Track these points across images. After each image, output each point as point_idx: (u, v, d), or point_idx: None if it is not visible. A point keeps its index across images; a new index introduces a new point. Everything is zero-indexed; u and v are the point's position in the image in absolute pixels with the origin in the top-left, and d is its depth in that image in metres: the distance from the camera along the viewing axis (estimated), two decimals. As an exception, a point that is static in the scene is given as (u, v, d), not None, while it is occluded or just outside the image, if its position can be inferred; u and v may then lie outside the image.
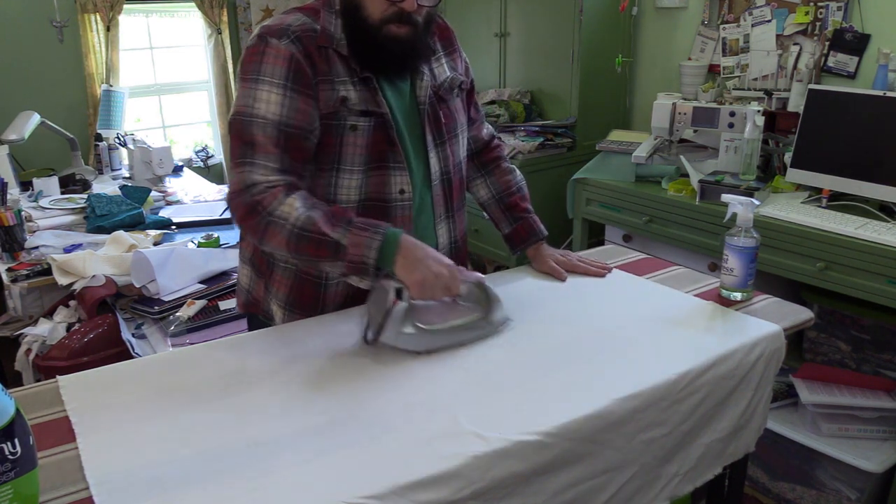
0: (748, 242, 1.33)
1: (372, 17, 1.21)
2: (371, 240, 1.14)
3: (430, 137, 1.34)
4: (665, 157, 2.55)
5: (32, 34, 3.44)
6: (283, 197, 1.16)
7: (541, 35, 3.21)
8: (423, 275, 1.14)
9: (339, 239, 1.14)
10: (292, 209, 1.15)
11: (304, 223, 1.15)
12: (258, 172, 1.18)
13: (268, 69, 1.20)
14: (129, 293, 2.13)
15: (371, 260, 1.14)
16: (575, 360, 1.14)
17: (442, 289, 1.16)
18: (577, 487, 1.00)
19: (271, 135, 1.19)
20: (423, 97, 1.33)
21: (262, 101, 1.19)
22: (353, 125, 1.24)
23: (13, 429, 0.75)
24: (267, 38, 1.21)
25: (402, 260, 1.14)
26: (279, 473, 0.87)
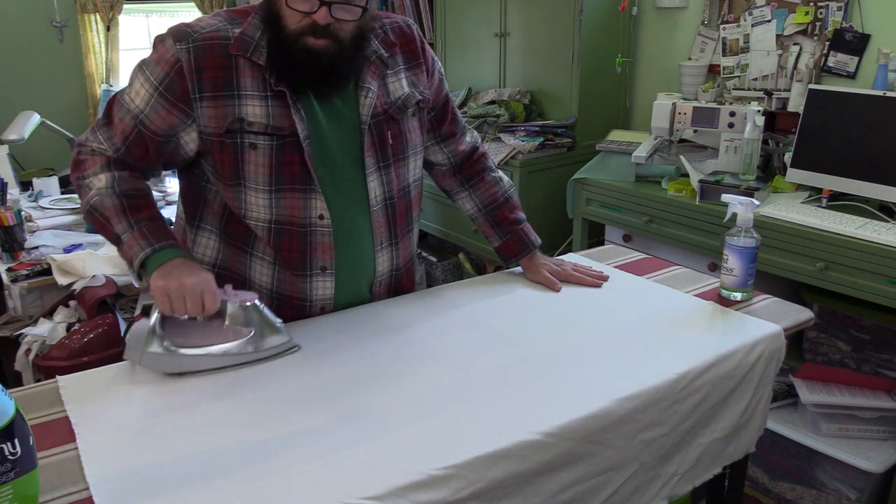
0: (748, 242, 1.33)
1: (288, 28, 1.15)
2: (141, 249, 1.15)
3: (370, 160, 1.26)
4: (665, 157, 2.55)
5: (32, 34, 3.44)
6: (100, 168, 1.21)
7: (541, 35, 3.20)
8: (165, 283, 1.09)
9: (119, 234, 1.17)
10: (97, 183, 1.19)
11: (97, 204, 1.18)
12: (97, 143, 1.23)
13: (150, 66, 1.19)
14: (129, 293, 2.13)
15: (135, 266, 1.15)
16: (575, 360, 1.14)
17: (191, 301, 1.09)
18: (577, 487, 1.00)
19: (127, 124, 1.20)
20: (365, 116, 1.25)
21: (134, 91, 1.20)
22: (253, 144, 1.18)
23: (13, 429, 0.75)
24: (164, 38, 1.18)
25: (159, 271, 1.12)
26: (279, 474, 0.87)
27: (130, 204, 1.18)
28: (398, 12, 3.94)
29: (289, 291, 1.29)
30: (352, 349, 1.19)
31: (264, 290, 1.29)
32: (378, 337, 1.23)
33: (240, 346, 1.12)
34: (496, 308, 1.34)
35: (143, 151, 1.21)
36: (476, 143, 1.52)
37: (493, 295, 1.41)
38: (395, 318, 1.30)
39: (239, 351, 1.11)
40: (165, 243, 1.16)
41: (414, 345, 1.20)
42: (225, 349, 1.11)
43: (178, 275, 1.10)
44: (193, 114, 1.18)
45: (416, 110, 1.34)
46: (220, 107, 1.17)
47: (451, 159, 1.48)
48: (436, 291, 1.43)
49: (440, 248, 3.70)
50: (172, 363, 1.09)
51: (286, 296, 1.29)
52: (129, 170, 1.23)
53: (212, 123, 1.18)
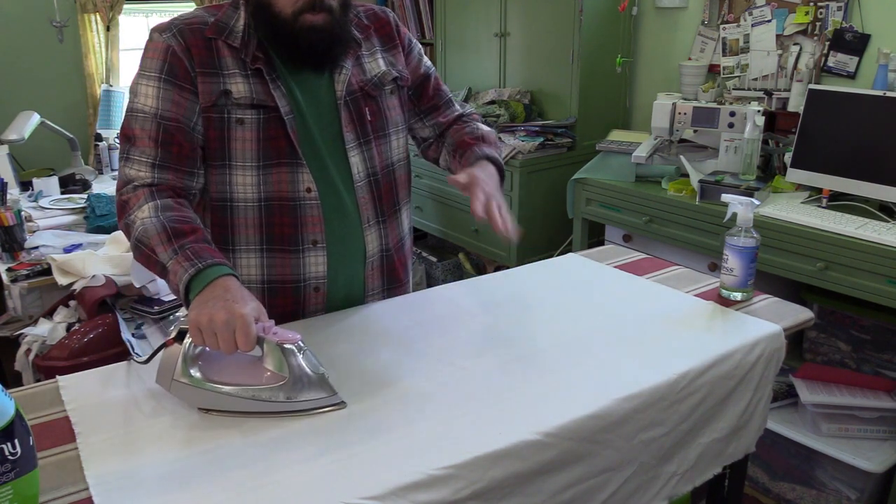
0: (748, 242, 1.33)
1: (284, 12, 1.18)
2: (185, 271, 1.05)
3: (349, 136, 1.28)
4: (665, 157, 2.55)
5: (32, 34, 3.44)
6: (143, 201, 1.15)
7: (541, 35, 3.20)
8: (197, 314, 0.97)
9: (164, 262, 1.09)
10: (141, 216, 1.13)
11: (141, 235, 1.12)
12: (133, 168, 1.18)
13: (146, 63, 1.20)
14: (129, 293, 2.13)
15: (181, 293, 1.06)
16: (575, 359, 1.14)
17: (221, 337, 0.96)
18: (577, 487, 1.00)
19: (149, 129, 1.18)
20: (340, 92, 1.27)
21: (141, 95, 1.19)
22: (240, 119, 1.21)
23: (13, 429, 0.75)
24: (151, 34, 1.22)
25: (199, 297, 1.02)
26: (279, 473, 0.87)
27: (174, 230, 1.10)
28: (398, 12, 3.94)
29: (280, 274, 1.28)
30: (351, 349, 1.19)
31: (253, 283, 1.28)
32: (377, 337, 1.23)
33: (271, 392, 0.98)
34: (496, 308, 1.34)
35: (177, 147, 1.20)
36: (462, 112, 1.48)
37: (493, 295, 1.41)
38: (394, 318, 1.30)
39: (268, 398, 0.98)
40: (210, 261, 1.06)
41: (413, 345, 1.20)
42: (254, 393, 0.99)
43: (213, 306, 0.98)
44: (196, 90, 1.20)
45: (395, 88, 1.36)
46: (207, 83, 1.20)
47: (435, 131, 1.48)
48: (435, 291, 1.43)
49: (440, 248, 3.70)
50: (200, 398, 1.00)
51: (278, 281, 1.28)
52: (172, 195, 1.18)
53: (202, 99, 1.20)
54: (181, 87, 1.19)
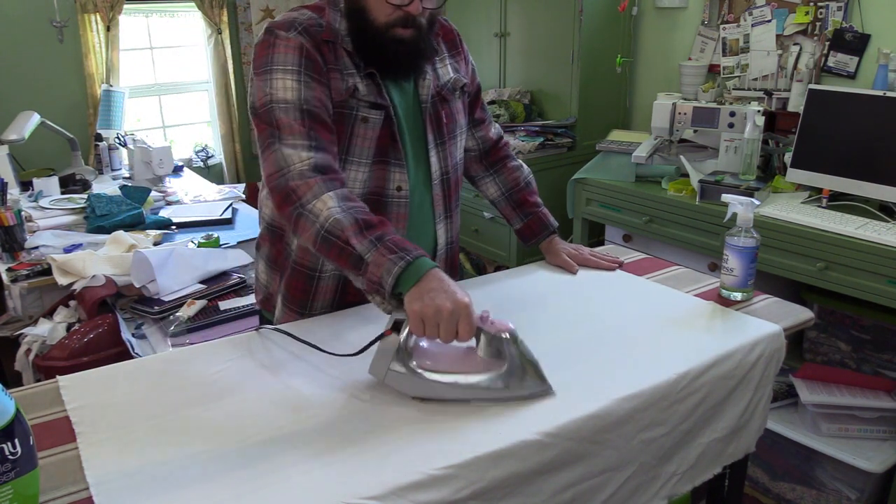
0: (748, 242, 1.33)
1: (377, 21, 1.22)
2: (393, 264, 1.04)
3: (430, 137, 1.35)
4: (665, 157, 2.55)
5: (32, 34, 3.44)
6: (319, 190, 1.13)
7: (541, 35, 3.21)
8: (421, 306, 1.00)
9: (362, 253, 1.07)
10: (325, 207, 1.11)
11: (333, 226, 1.10)
12: (287, 149, 1.16)
13: (279, 58, 1.21)
14: (129, 293, 2.13)
15: (387, 285, 1.04)
16: (575, 360, 1.14)
17: (444, 328, 1.00)
18: (577, 487, 1.00)
19: (294, 116, 1.19)
20: (425, 96, 1.34)
21: (279, 88, 1.20)
22: (365, 117, 1.26)
23: (13, 429, 0.75)
24: (275, 31, 1.23)
25: (415, 289, 1.03)
26: (279, 473, 0.87)
27: (365, 222, 1.10)
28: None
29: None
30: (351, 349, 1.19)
31: (336, 272, 1.33)
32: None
33: (489, 380, 1.01)
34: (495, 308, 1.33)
35: (325, 132, 1.21)
36: (500, 132, 1.61)
37: (493, 295, 1.41)
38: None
39: (488, 386, 1.01)
40: (416, 254, 1.06)
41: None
42: (473, 382, 1.01)
43: (434, 297, 1.00)
44: (329, 86, 1.23)
45: (461, 93, 1.44)
46: (336, 79, 1.24)
47: (480, 145, 1.56)
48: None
49: (440, 248, 3.69)
50: (416, 386, 1.02)
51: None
52: (340, 184, 1.17)
53: (333, 94, 1.24)
54: (319, 80, 1.22)
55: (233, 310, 2.02)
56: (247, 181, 3.97)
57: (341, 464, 0.89)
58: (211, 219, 2.74)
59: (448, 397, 1.02)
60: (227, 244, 2.44)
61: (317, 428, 0.97)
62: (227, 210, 2.81)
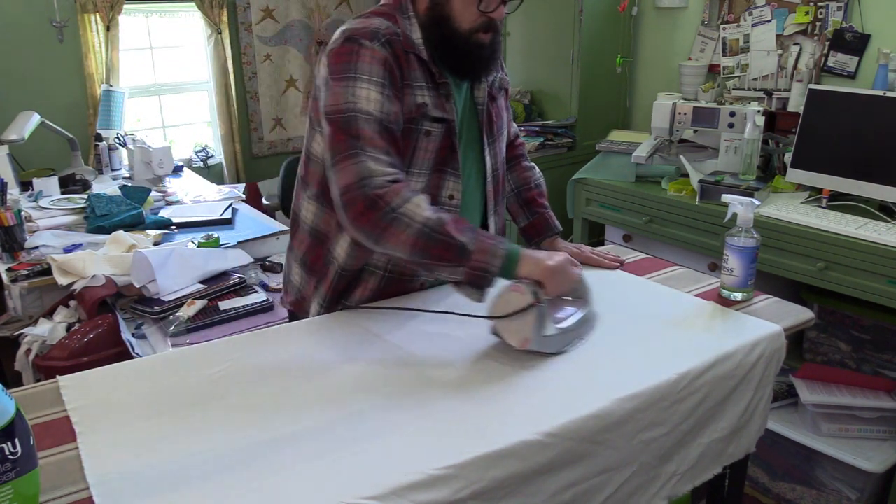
0: (748, 242, 1.33)
1: (461, 27, 1.26)
2: (496, 248, 1.15)
3: (485, 137, 1.39)
4: (665, 157, 2.55)
5: (32, 34, 3.44)
6: (408, 195, 1.16)
7: (541, 35, 3.21)
8: (551, 261, 1.17)
9: (466, 243, 1.14)
10: (419, 209, 1.15)
11: (435, 224, 1.14)
12: (371, 163, 1.17)
13: (364, 68, 1.21)
14: (129, 293, 2.12)
15: (494, 268, 1.15)
16: (575, 360, 1.14)
17: (568, 277, 1.19)
18: (577, 487, 1.00)
19: (376, 129, 1.20)
20: (482, 98, 1.37)
21: (363, 99, 1.20)
22: (428, 130, 1.28)
23: (13, 429, 0.75)
24: (359, 40, 1.22)
25: (528, 260, 1.16)
26: (279, 473, 0.87)
27: (453, 218, 1.18)
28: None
29: (402, 268, 1.36)
30: (352, 349, 1.19)
31: (378, 269, 1.35)
32: (378, 337, 1.23)
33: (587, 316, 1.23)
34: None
35: (396, 149, 1.23)
36: (517, 131, 1.65)
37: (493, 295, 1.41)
38: (394, 318, 1.30)
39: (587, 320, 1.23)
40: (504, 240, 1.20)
41: (414, 345, 1.20)
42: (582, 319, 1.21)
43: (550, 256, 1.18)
44: (403, 101, 1.26)
45: (503, 91, 1.48)
46: (408, 94, 1.27)
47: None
48: (435, 291, 1.43)
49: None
50: (555, 343, 1.16)
51: (398, 272, 1.36)
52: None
53: (405, 109, 1.26)
54: (397, 96, 1.24)
55: (233, 310, 2.02)
56: (247, 181, 3.97)
57: (341, 464, 0.89)
58: (211, 219, 2.73)
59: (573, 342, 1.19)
60: (227, 244, 2.44)
61: (317, 428, 0.97)
62: (226, 210, 2.81)
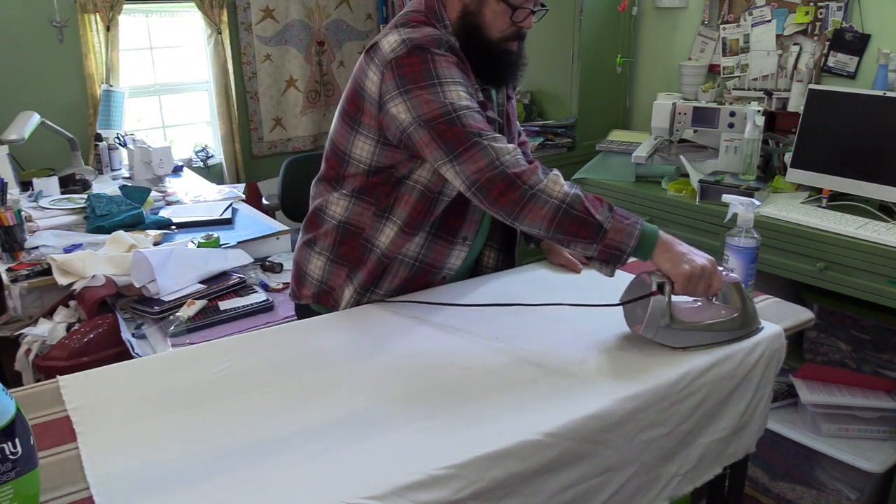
0: (748, 243, 1.33)
1: (492, 37, 1.32)
2: (633, 228, 1.17)
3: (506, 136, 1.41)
4: (665, 157, 2.55)
5: (32, 34, 3.44)
6: (543, 173, 1.20)
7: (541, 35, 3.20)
8: (690, 268, 1.15)
9: (602, 222, 1.17)
10: (558, 185, 1.19)
11: (573, 200, 1.17)
12: (495, 144, 1.20)
13: (444, 73, 1.25)
14: (129, 293, 2.12)
15: (628, 248, 1.17)
16: (575, 359, 1.14)
17: (705, 284, 1.17)
18: (577, 487, 1.00)
19: (480, 120, 1.24)
20: (502, 100, 1.43)
21: (456, 97, 1.24)
22: None
23: (13, 429, 0.75)
24: (428, 48, 1.26)
25: (665, 253, 1.17)
26: (279, 473, 0.87)
27: (589, 195, 1.20)
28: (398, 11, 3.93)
29: (431, 259, 1.41)
30: (352, 349, 1.19)
31: (409, 258, 1.39)
32: (378, 337, 1.24)
33: (730, 323, 1.20)
34: (496, 308, 1.34)
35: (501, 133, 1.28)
36: (521, 130, 1.66)
37: (493, 295, 1.41)
38: (395, 318, 1.30)
39: (730, 328, 1.19)
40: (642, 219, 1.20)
41: (414, 345, 1.20)
42: (717, 325, 1.19)
43: (694, 259, 1.17)
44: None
45: (514, 93, 1.53)
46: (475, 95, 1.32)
47: None
48: (435, 292, 1.43)
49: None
50: (680, 338, 1.17)
51: (427, 263, 1.41)
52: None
53: None
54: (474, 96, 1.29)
55: (233, 310, 2.02)
56: (247, 181, 3.97)
57: (341, 463, 0.89)
58: (211, 219, 2.73)
59: (701, 343, 1.18)
60: (227, 244, 2.44)
61: (317, 428, 0.97)
62: (226, 210, 2.81)
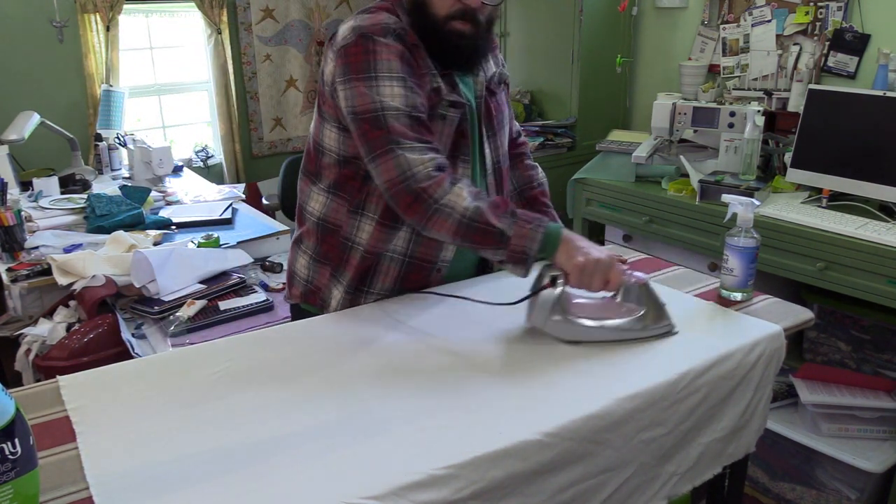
0: (748, 243, 1.33)
1: (438, 14, 1.27)
2: (535, 231, 1.18)
3: (484, 129, 1.40)
4: (665, 157, 2.56)
5: (32, 34, 3.44)
6: (449, 186, 1.20)
7: (541, 35, 3.21)
8: (583, 259, 1.16)
9: (504, 230, 1.18)
10: (460, 199, 1.19)
11: (474, 213, 1.19)
12: (409, 154, 1.21)
13: (384, 65, 1.24)
14: (129, 293, 2.13)
15: (532, 251, 1.18)
16: (575, 359, 1.14)
17: (601, 277, 1.17)
18: (577, 487, 1.00)
19: (405, 123, 1.23)
20: (479, 91, 1.39)
21: (387, 96, 1.22)
22: (443, 115, 1.30)
23: (13, 429, 0.75)
24: (372, 37, 1.24)
25: (564, 248, 1.19)
26: (279, 473, 0.87)
27: (493, 204, 1.21)
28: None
29: (422, 253, 1.39)
30: (351, 348, 1.19)
31: (398, 254, 1.38)
32: (378, 336, 1.23)
33: (631, 322, 1.19)
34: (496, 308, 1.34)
35: (431, 133, 1.26)
36: (520, 130, 1.65)
37: (493, 294, 1.41)
38: (394, 318, 1.30)
39: (629, 327, 1.19)
40: (547, 221, 1.21)
41: (414, 344, 1.20)
42: (617, 324, 1.19)
43: (589, 252, 1.17)
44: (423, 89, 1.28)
45: (504, 86, 1.49)
46: (424, 82, 1.29)
47: None
48: (435, 290, 1.43)
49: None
50: (572, 331, 1.18)
51: (418, 258, 1.39)
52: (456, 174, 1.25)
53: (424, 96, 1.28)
54: (419, 84, 1.27)
55: (233, 310, 2.02)
56: (246, 181, 3.97)
57: (341, 463, 0.89)
58: (211, 219, 2.73)
59: (597, 339, 1.18)
60: (227, 244, 2.44)
61: (316, 428, 0.97)
62: (226, 210, 2.81)
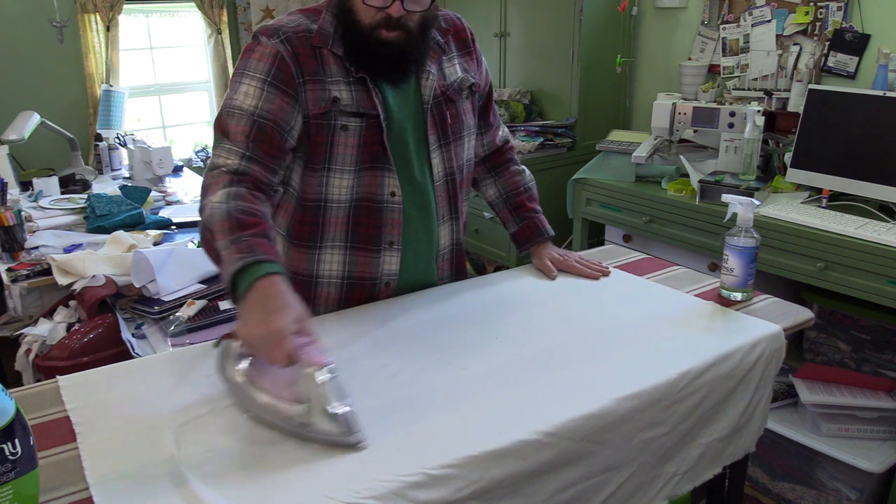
0: (748, 242, 1.33)
1: (363, 22, 1.23)
2: (233, 263, 1.03)
3: (432, 138, 1.35)
4: (665, 157, 2.56)
5: (32, 34, 3.44)
6: (220, 186, 1.14)
7: (541, 35, 3.20)
8: (247, 328, 0.98)
9: (220, 249, 1.07)
10: (210, 205, 1.12)
11: (207, 219, 1.11)
12: (221, 157, 1.19)
13: (252, 65, 1.23)
14: (129, 293, 2.13)
15: (225, 283, 1.04)
16: (575, 360, 1.14)
17: (266, 351, 0.96)
18: (577, 487, 1.01)
19: (244, 125, 1.20)
20: (427, 97, 1.34)
21: (241, 94, 1.22)
22: (344, 125, 1.26)
23: (13, 429, 0.75)
24: (258, 37, 1.25)
25: (247, 302, 1.00)
26: (279, 473, 0.87)
27: (238, 220, 1.09)
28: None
29: (359, 271, 1.36)
30: (351, 349, 1.19)
31: (335, 277, 1.35)
32: (378, 337, 1.23)
33: (289, 413, 0.94)
34: (496, 308, 1.35)
35: (267, 146, 1.21)
36: (507, 137, 1.62)
37: (493, 295, 1.41)
38: (394, 318, 1.30)
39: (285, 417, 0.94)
40: (261, 257, 1.03)
41: (413, 345, 1.20)
42: (279, 410, 0.95)
43: (252, 319, 0.98)
44: (299, 98, 1.24)
45: (469, 93, 1.43)
46: (317, 90, 1.25)
47: (485, 150, 1.57)
48: (435, 291, 1.43)
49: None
50: (243, 401, 1.00)
51: (356, 276, 1.36)
52: (251, 186, 1.17)
53: (310, 106, 1.25)
54: (285, 91, 1.23)
55: (233, 310, 2.02)
56: (247, 181, 3.97)
57: (341, 463, 0.89)
58: (211, 219, 2.73)
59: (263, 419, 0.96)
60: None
61: (317, 428, 0.97)
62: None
